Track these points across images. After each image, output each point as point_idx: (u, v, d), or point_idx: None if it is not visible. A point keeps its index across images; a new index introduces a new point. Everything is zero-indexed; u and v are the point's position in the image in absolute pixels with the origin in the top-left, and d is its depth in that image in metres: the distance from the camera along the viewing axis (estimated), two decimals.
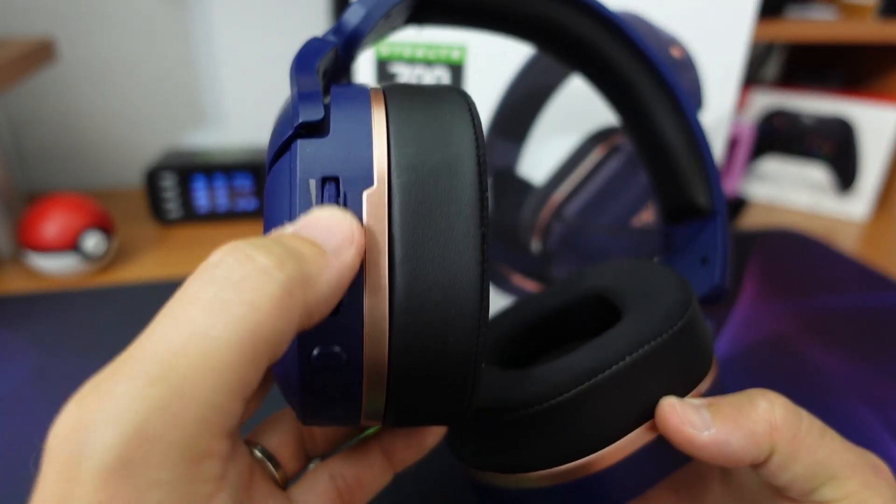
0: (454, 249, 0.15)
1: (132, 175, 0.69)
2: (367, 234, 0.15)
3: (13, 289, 0.47)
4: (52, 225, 0.47)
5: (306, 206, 0.15)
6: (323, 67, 0.18)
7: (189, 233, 0.58)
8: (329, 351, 0.15)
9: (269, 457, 0.20)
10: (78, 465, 0.11)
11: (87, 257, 0.48)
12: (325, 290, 0.14)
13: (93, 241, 0.48)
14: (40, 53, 0.53)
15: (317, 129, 0.16)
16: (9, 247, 0.52)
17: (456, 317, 0.15)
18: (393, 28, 0.23)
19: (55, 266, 0.48)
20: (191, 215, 0.60)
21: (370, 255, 0.15)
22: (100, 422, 0.11)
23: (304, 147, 0.15)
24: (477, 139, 0.16)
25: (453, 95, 0.17)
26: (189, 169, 0.58)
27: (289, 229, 0.15)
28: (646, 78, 0.26)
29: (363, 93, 0.17)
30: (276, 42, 0.68)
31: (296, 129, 0.16)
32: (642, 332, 0.20)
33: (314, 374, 0.16)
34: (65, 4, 0.61)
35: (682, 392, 0.20)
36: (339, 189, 0.15)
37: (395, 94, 0.17)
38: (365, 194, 0.15)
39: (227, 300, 0.12)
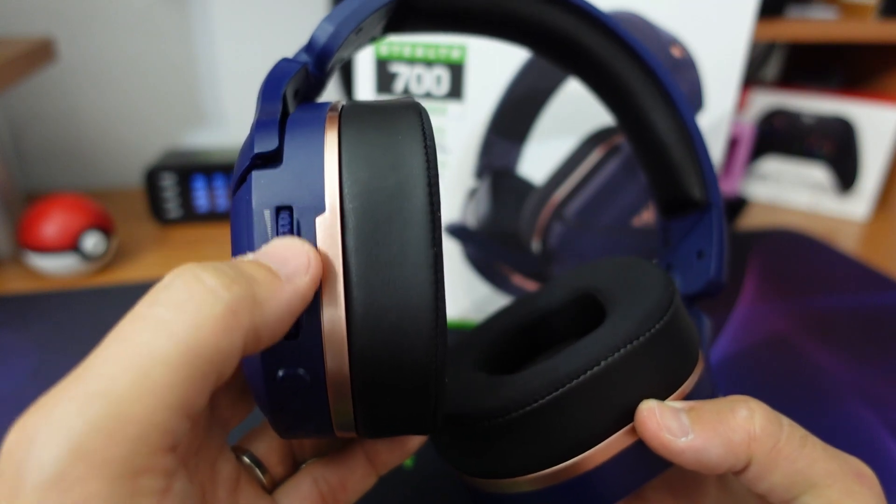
0: (407, 271, 0.16)
1: (132, 175, 0.68)
2: (322, 259, 0.15)
3: (13, 289, 0.47)
4: (52, 225, 0.47)
5: (262, 236, 0.16)
6: (293, 88, 0.18)
7: (189, 233, 0.58)
8: (293, 373, 0.16)
9: (257, 462, 0.21)
10: (19, 480, 0.12)
11: (86, 257, 0.48)
12: (275, 313, 0.14)
13: (92, 241, 0.48)
14: (40, 53, 0.53)
15: (271, 159, 0.16)
16: (9, 247, 0.52)
17: (412, 337, 0.16)
18: (372, 38, 0.23)
19: (55, 266, 0.48)
20: (191, 215, 0.59)
21: (326, 281, 0.15)
22: (40, 439, 0.12)
23: (258, 178, 0.16)
24: (428, 160, 0.16)
25: (408, 113, 0.18)
26: (189, 169, 0.58)
27: (249, 256, 0.15)
28: (636, 73, 0.26)
29: (319, 118, 0.17)
30: (277, 42, 0.68)
31: (251, 160, 0.16)
32: (618, 336, 0.20)
33: (281, 394, 0.16)
34: (65, 4, 0.61)
35: (663, 394, 0.20)
36: (293, 217, 0.16)
37: (350, 117, 0.17)
38: (318, 221, 0.16)
39: (170, 320, 0.13)
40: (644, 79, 0.26)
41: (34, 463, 0.12)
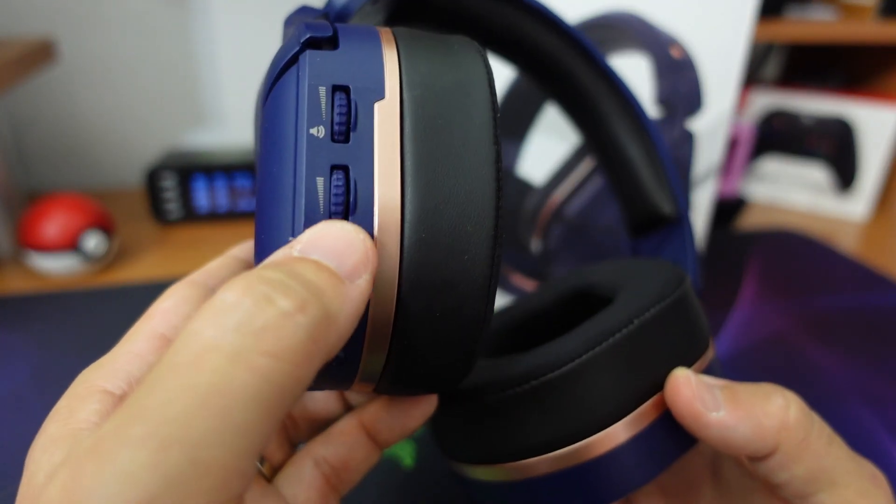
0: (469, 164, 0.15)
1: (132, 175, 0.69)
2: (378, 145, 0.14)
3: (13, 289, 0.47)
4: (53, 225, 0.47)
5: (315, 117, 0.14)
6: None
7: (189, 233, 0.58)
8: None
9: None
10: None
11: (87, 257, 0.48)
12: (346, 325, 0.13)
13: (93, 241, 0.48)
14: (41, 53, 0.53)
15: (326, 44, 0.15)
16: (9, 247, 0.52)
17: (471, 232, 0.15)
18: (376, 23, 0.23)
19: (55, 266, 0.48)
20: (191, 215, 0.60)
21: (381, 168, 0.14)
22: (104, 494, 0.10)
23: (313, 56, 0.15)
24: (486, 64, 0.16)
25: (458, 35, 0.17)
26: (189, 169, 0.58)
27: (296, 248, 0.13)
28: (605, 93, 0.26)
29: (369, 27, 0.16)
30: (277, 42, 0.68)
31: (302, 45, 0.15)
32: (643, 300, 0.19)
33: None
34: (65, 4, 0.61)
35: (685, 365, 0.19)
36: (350, 99, 0.15)
37: (402, 29, 0.17)
38: (376, 106, 0.15)
39: (249, 350, 0.11)
40: (612, 98, 0.26)
41: None
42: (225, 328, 0.11)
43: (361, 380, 0.16)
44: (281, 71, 0.15)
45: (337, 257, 0.13)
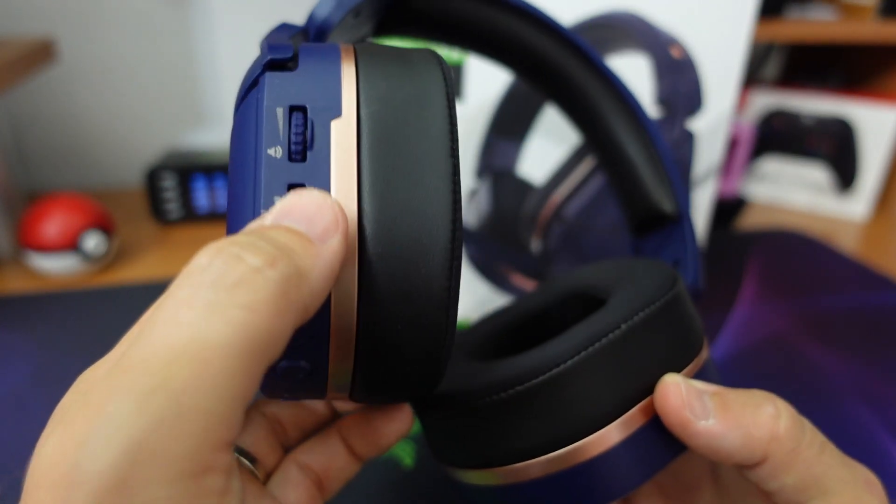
0: (426, 177, 0.15)
1: (132, 175, 0.69)
2: (335, 163, 0.15)
3: (13, 289, 0.48)
4: (53, 225, 0.47)
5: (273, 138, 0.15)
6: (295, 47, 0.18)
7: (189, 233, 0.58)
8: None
9: (245, 454, 0.20)
10: (71, 490, 0.10)
11: (87, 257, 0.48)
12: (319, 282, 0.13)
13: (93, 241, 0.48)
14: (41, 53, 0.53)
15: (286, 66, 0.16)
16: (9, 247, 0.52)
17: (428, 244, 0.15)
18: (363, 35, 0.23)
19: (55, 266, 0.48)
20: (191, 215, 0.60)
21: (338, 184, 0.15)
22: (93, 441, 0.11)
23: (272, 79, 0.15)
24: (445, 77, 0.16)
25: (421, 48, 0.18)
26: (189, 169, 0.58)
27: (268, 219, 0.14)
28: (603, 93, 0.26)
29: (332, 45, 0.17)
30: None
31: (264, 67, 0.16)
32: (633, 302, 0.19)
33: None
34: (65, 4, 0.61)
35: (676, 367, 0.19)
36: (307, 119, 0.15)
37: (365, 47, 0.17)
38: (333, 124, 0.15)
39: (223, 303, 0.12)
40: (612, 98, 0.27)
41: (89, 469, 0.10)
42: (199, 286, 0.12)
43: (334, 388, 0.17)
44: (245, 94, 0.16)
45: (306, 221, 0.14)
